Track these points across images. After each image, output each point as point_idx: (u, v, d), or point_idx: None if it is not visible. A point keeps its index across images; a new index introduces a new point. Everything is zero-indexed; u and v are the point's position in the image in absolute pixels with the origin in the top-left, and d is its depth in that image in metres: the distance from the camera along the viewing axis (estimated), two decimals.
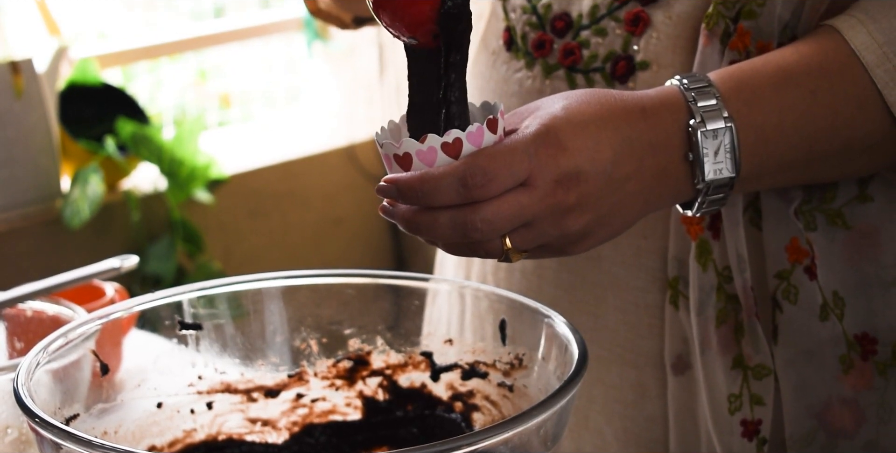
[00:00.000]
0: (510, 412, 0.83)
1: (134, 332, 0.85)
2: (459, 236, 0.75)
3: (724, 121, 0.79)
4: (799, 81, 0.82)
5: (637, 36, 0.90)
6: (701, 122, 0.79)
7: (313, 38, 3.12)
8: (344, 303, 0.88)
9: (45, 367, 0.77)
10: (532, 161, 0.75)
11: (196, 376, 0.87)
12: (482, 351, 0.86)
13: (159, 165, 2.66)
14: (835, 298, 0.91)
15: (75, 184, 2.52)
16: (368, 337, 0.88)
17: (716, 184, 0.80)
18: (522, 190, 0.75)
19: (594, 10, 0.92)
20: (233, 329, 0.87)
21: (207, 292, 0.86)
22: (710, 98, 0.80)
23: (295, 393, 0.88)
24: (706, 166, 0.79)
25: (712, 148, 0.79)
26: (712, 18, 0.86)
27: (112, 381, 0.82)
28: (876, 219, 0.90)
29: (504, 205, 0.74)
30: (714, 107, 0.80)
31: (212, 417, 0.87)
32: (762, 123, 0.81)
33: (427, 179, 0.74)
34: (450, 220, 0.75)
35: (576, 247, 0.79)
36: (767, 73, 0.82)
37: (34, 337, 0.98)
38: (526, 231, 0.76)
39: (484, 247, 0.76)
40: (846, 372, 0.91)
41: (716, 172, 0.80)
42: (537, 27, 0.95)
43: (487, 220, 0.74)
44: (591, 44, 0.92)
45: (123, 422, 0.82)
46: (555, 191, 0.75)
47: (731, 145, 0.80)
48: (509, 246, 0.76)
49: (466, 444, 0.65)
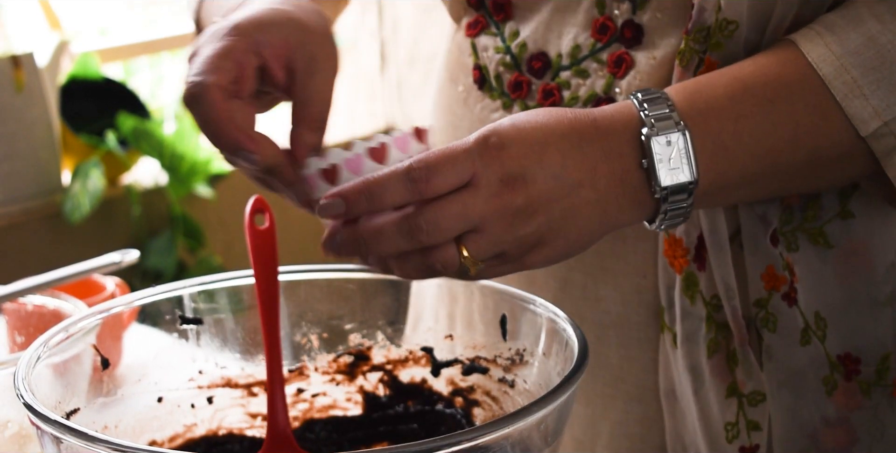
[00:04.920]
0: (511, 407, 0.83)
1: (134, 327, 0.85)
2: (406, 241, 0.74)
3: (675, 126, 0.78)
4: (755, 90, 0.81)
5: (619, 78, 0.90)
6: (653, 129, 0.78)
7: None
8: (344, 298, 0.88)
9: (46, 362, 0.77)
10: (476, 160, 0.75)
11: (196, 371, 0.87)
12: (483, 347, 0.85)
13: (160, 160, 2.66)
14: (816, 320, 0.90)
15: (76, 179, 2.52)
16: (369, 332, 0.88)
17: (673, 191, 0.79)
18: (466, 189, 0.75)
19: (575, 51, 0.91)
20: (233, 323, 0.87)
21: (208, 287, 0.86)
22: (663, 107, 0.79)
23: (295, 387, 0.88)
24: (661, 172, 0.78)
25: (666, 154, 0.78)
26: (685, 55, 0.86)
27: (112, 376, 0.82)
28: (859, 235, 0.90)
29: (448, 205, 0.74)
30: (666, 114, 0.79)
31: (212, 412, 0.87)
32: (718, 130, 0.80)
33: (372, 181, 0.75)
34: (394, 226, 0.74)
35: (534, 257, 0.77)
36: (722, 84, 0.82)
37: (35, 331, 0.98)
38: (477, 236, 0.75)
39: (437, 255, 0.75)
40: (830, 394, 0.91)
41: (672, 178, 0.78)
42: (512, 68, 0.94)
43: (432, 221, 0.74)
44: (572, 85, 0.91)
45: (124, 417, 0.82)
46: (500, 192, 0.75)
47: (685, 150, 0.78)
48: (465, 254, 0.75)
49: (467, 440, 0.65)
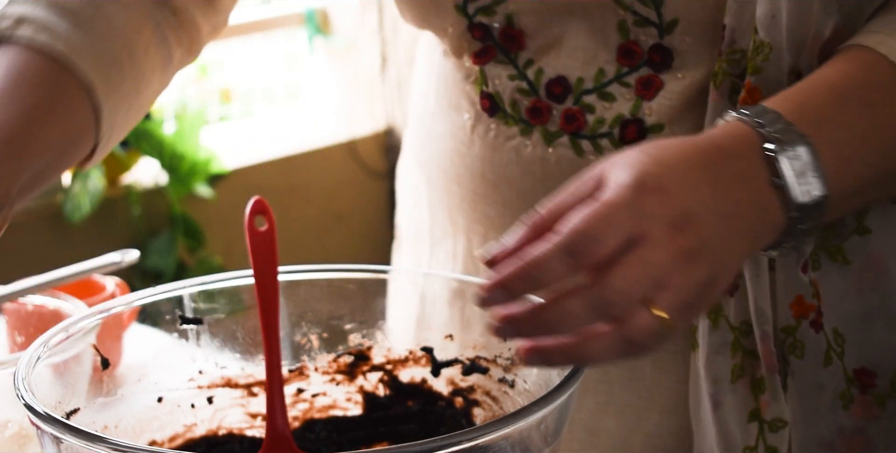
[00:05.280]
0: (511, 407, 0.83)
1: (134, 327, 0.85)
2: (597, 316, 0.67)
3: (800, 139, 0.75)
4: (853, 97, 0.80)
5: (648, 100, 0.88)
6: (778, 144, 0.74)
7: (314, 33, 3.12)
8: (345, 298, 0.88)
9: (46, 361, 0.77)
10: (635, 211, 0.68)
11: (196, 371, 0.87)
12: (483, 347, 0.86)
13: (160, 160, 2.66)
14: (835, 336, 0.90)
15: (76, 179, 2.52)
16: (369, 332, 0.88)
17: (808, 208, 0.74)
18: (639, 246, 0.68)
19: (599, 76, 0.89)
20: (233, 323, 0.87)
21: (208, 287, 0.86)
22: (779, 122, 0.76)
23: (295, 387, 0.88)
24: (795, 189, 0.74)
25: (796, 169, 0.74)
26: (718, 77, 0.85)
27: (112, 376, 0.82)
28: (876, 249, 0.90)
29: (628, 269, 0.67)
30: (786, 128, 0.75)
31: (212, 412, 0.87)
32: (835, 140, 0.77)
33: (531, 264, 0.67)
34: (580, 304, 0.67)
35: (707, 299, 0.72)
36: (821, 92, 0.79)
37: (35, 331, 0.98)
38: (665, 292, 0.68)
39: (632, 326, 0.68)
40: (846, 408, 0.91)
41: (806, 194, 0.74)
42: (529, 94, 0.91)
43: (619, 290, 0.67)
44: (597, 108, 0.90)
45: (124, 417, 0.82)
46: (674, 237, 0.68)
47: (813, 164, 0.75)
48: (661, 314, 0.68)
49: (467, 440, 0.65)
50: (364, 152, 3.14)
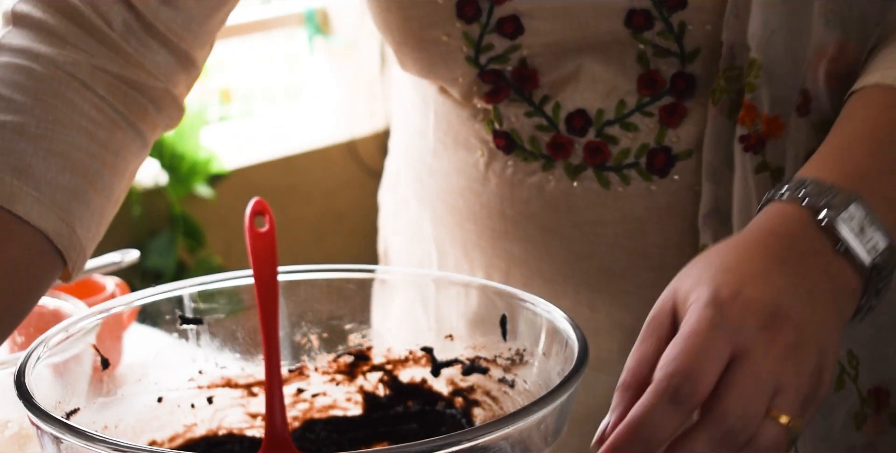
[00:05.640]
0: (511, 407, 0.83)
1: (134, 327, 0.85)
2: (727, 448, 0.64)
3: (847, 197, 0.72)
4: (887, 141, 0.77)
5: (673, 127, 0.87)
6: (829, 210, 0.72)
7: (314, 33, 3.12)
8: (345, 298, 0.88)
9: (46, 361, 0.77)
10: (725, 329, 0.65)
11: (196, 371, 0.87)
12: (483, 347, 0.85)
13: (160, 160, 2.66)
14: (850, 358, 0.88)
15: None
16: (369, 332, 0.88)
17: (879, 264, 0.72)
18: (743, 360, 0.64)
19: (620, 107, 0.88)
20: (233, 323, 0.87)
21: (208, 287, 0.86)
22: (819, 189, 0.73)
23: (295, 387, 0.88)
24: (859, 248, 0.72)
25: (854, 228, 0.72)
26: (716, 94, 0.84)
27: (112, 376, 0.82)
28: None
29: (741, 388, 0.64)
30: (829, 191, 0.73)
31: (212, 412, 0.87)
32: (882, 188, 0.75)
33: (637, 422, 0.64)
34: (705, 443, 0.64)
35: (824, 387, 0.68)
36: (854, 146, 0.77)
37: (35, 331, 0.97)
38: (783, 396, 0.65)
39: (762, 441, 0.64)
40: (859, 428, 0.90)
41: (871, 251, 0.72)
42: (549, 129, 0.90)
43: (740, 415, 0.64)
44: (621, 139, 0.88)
45: (124, 417, 0.82)
46: (773, 340, 0.66)
47: (869, 217, 0.72)
48: (786, 421, 0.65)
49: (467, 440, 0.65)
50: (364, 152, 3.14)
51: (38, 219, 0.79)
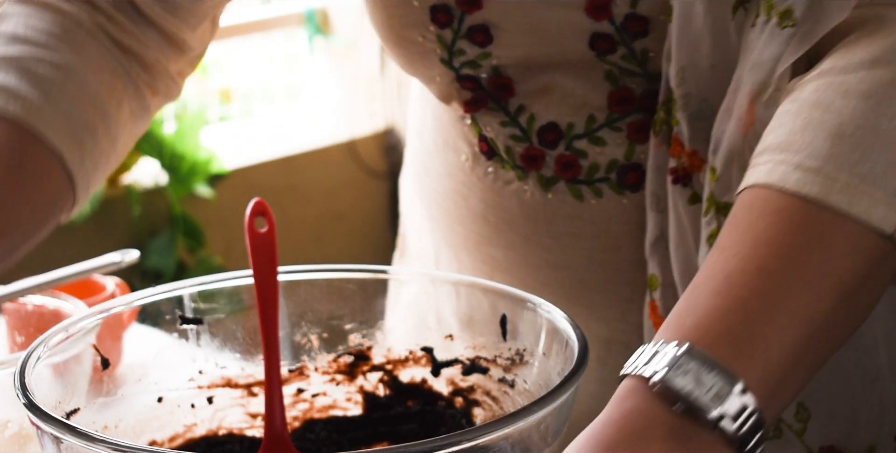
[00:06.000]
0: (511, 407, 0.83)
1: (134, 327, 0.85)
2: None
3: (730, 390, 0.63)
4: (771, 296, 0.67)
5: (642, 143, 0.87)
6: (712, 408, 0.63)
7: (314, 33, 3.12)
8: (345, 298, 0.88)
9: (46, 361, 0.77)
10: None
11: (196, 371, 0.87)
12: (483, 347, 0.86)
13: (160, 160, 2.67)
14: (798, 411, 0.85)
15: None
16: (369, 332, 0.88)
17: (734, 419, 0.63)
18: None
19: (589, 123, 0.88)
20: (233, 323, 0.87)
21: (208, 287, 0.86)
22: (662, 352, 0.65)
23: (295, 388, 0.88)
24: (703, 398, 0.63)
25: (694, 384, 0.63)
26: (657, 124, 0.84)
27: (112, 376, 0.82)
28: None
29: None
30: (710, 388, 0.63)
31: (212, 412, 0.87)
32: (766, 364, 0.65)
33: None
34: None
35: None
36: (709, 305, 0.67)
37: (35, 331, 0.98)
38: None
39: None
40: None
41: (718, 409, 0.63)
42: (522, 140, 0.90)
43: None
44: (589, 153, 0.88)
45: (124, 417, 0.82)
46: None
47: (752, 410, 0.63)
48: None
49: (467, 440, 0.65)
50: (364, 152, 3.14)
51: (57, 141, 0.86)
